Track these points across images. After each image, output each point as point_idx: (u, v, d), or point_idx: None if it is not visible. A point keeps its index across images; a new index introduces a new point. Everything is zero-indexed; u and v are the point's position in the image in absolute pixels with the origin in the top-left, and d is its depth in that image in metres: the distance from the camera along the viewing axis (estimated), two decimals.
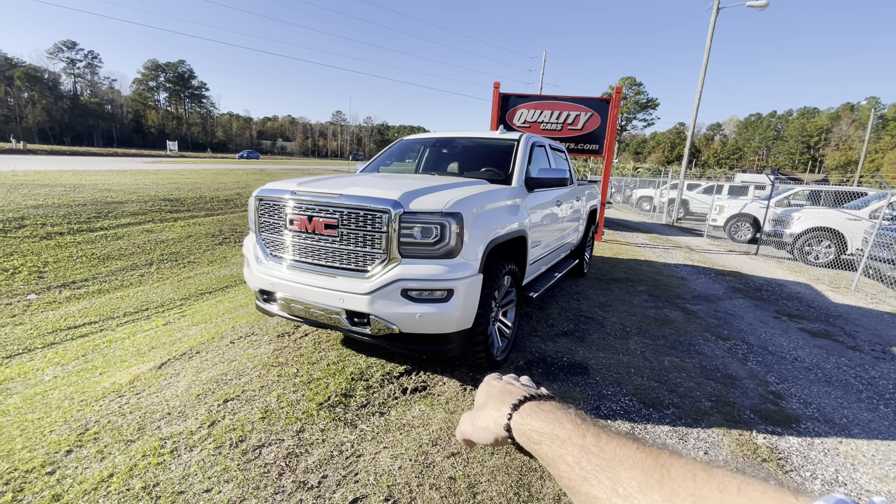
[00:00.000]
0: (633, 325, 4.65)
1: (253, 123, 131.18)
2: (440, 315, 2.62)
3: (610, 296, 5.74)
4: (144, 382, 3.05)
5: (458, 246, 2.67)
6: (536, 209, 3.95)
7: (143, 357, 3.64)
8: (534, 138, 4.40)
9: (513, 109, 10.27)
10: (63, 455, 2.24)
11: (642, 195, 21.65)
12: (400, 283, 2.60)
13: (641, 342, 4.17)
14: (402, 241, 2.63)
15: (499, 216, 3.13)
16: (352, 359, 3.38)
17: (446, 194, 2.82)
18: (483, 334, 2.95)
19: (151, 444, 2.31)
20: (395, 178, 3.58)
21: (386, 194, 2.69)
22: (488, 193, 3.12)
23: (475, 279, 2.75)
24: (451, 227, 2.62)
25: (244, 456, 2.24)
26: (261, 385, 2.96)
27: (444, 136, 4.81)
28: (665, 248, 10.21)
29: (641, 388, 3.25)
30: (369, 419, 2.64)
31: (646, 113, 66.16)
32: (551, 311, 4.92)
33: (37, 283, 5.41)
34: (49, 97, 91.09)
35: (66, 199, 8.14)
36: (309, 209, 2.87)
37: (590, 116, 9.93)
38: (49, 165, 17.30)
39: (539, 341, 4.01)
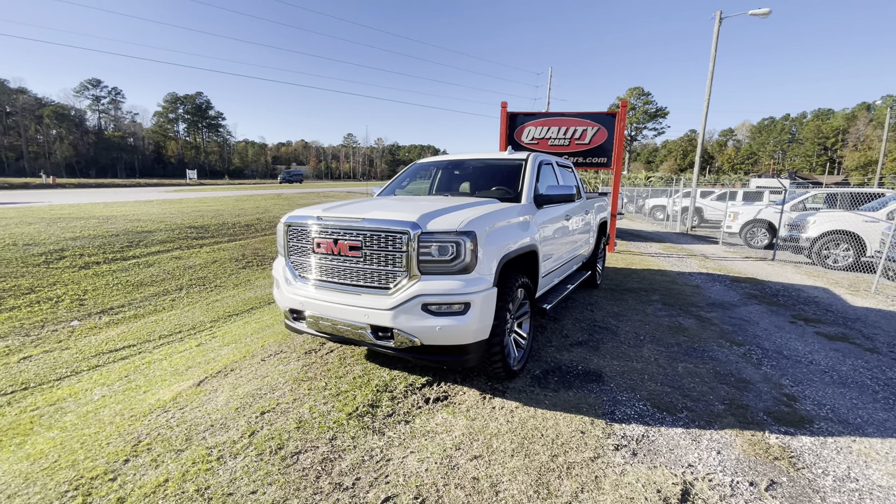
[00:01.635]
0: (646, 333, 4.76)
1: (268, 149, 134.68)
2: (458, 327, 2.81)
3: (623, 306, 5.85)
4: (186, 398, 3.29)
5: (472, 262, 2.87)
6: (546, 224, 4.14)
7: (182, 376, 3.89)
8: (541, 157, 4.62)
9: (521, 127, 10.55)
10: (122, 464, 2.47)
11: (655, 204, 21.61)
12: (420, 298, 2.81)
13: (655, 350, 4.27)
14: (421, 259, 2.85)
15: (510, 233, 3.33)
16: (376, 372, 3.58)
17: (460, 214, 3.04)
18: (500, 345, 3.13)
19: (199, 452, 2.53)
20: (411, 201, 3.82)
21: (404, 216, 2.92)
22: (499, 212, 3.33)
23: (490, 292, 2.94)
24: (465, 244, 2.83)
25: (283, 461, 2.44)
26: (293, 398, 3.17)
27: (455, 159, 5.06)
28: (679, 257, 10.24)
29: (655, 393, 3.37)
30: (395, 427, 2.82)
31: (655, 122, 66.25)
32: (565, 322, 5.06)
33: (78, 310, 5.77)
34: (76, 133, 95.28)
35: (101, 231, 8.62)
36: (334, 233, 3.11)
37: (597, 130, 10.14)
38: (79, 198, 18.15)
39: (554, 351, 4.15)
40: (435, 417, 2.95)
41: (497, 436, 2.72)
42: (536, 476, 2.37)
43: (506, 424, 2.85)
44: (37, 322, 5.29)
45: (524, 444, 2.65)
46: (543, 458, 2.51)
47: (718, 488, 2.35)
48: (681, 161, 77.57)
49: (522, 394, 3.27)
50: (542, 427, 2.83)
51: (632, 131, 66.85)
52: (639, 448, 2.67)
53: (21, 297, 5.72)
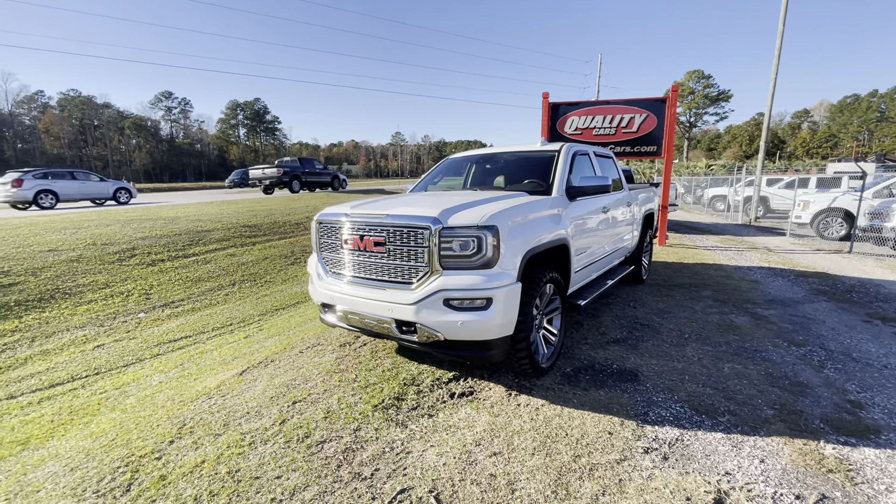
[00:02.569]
0: (692, 331, 4.48)
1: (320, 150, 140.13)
2: (480, 322, 2.78)
3: (669, 302, 5.53)
4: (229, 387, 3.52)
5: (494, 257, 2.83)
6: (580, 217, 4.00)
7: (228, 365, 4.15)
8: (575, 147, 4.46)
9: (563, 118, 10.24)
10: (167, 444, 2.68)
11: (715, 194, 20.20)
12: (442, 293, 2.81)
13: (700, 349, 4.01)
14: (443, 254, 2.85)
15: (536, 226, 3.25)
16: (405, 366, 3.63)
17: (482, 209, 3.00)
18: (525, 341, 3.07)
19: (234, 437, 2.69)
20: (437, 196, 3.82)
21: (426, 212, 2.93)
22: (525, 205, 3.26)
23: (513, 288, 2.88)
24: (487, 239, 2.80)
25: (309, 449, 2.54)
26: (324, 389, 3.30)
27: (486, 153, 5.00)
28: (738, 250, 9.53)
29: (695, 395, 3.16)
30: (418, 420, 2.85)
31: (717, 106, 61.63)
32: (604, 318, 4.87)
33: (145, 303, 6.32)
34: (151, 141, 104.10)
35: (166, 231, 9.37)
36: (360, 229, 3.19)
37: (645, 118, 9.63)
38: (151, 201, 19.80)
39: (589, 349, 4.01)
40: (458, 412, 2.95)
41: (519, 433, 2.68)
42: (556, 476, 2.30)
43: (529, 422, 2.79)
44: (110, 314, 5.85)
45: (546, 442, 2.58)
46: (565, 458, 2.44)
47: (758, 500, 2.17)
48: (746, 147, 71.85)
49: (550, 391, 3.19)
50: (568, 426, 2.75)
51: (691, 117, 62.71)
52: (671, 452, 2.52)
53: (98, 291, 6.35)
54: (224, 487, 2.24)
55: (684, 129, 63.63)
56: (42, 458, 2.72)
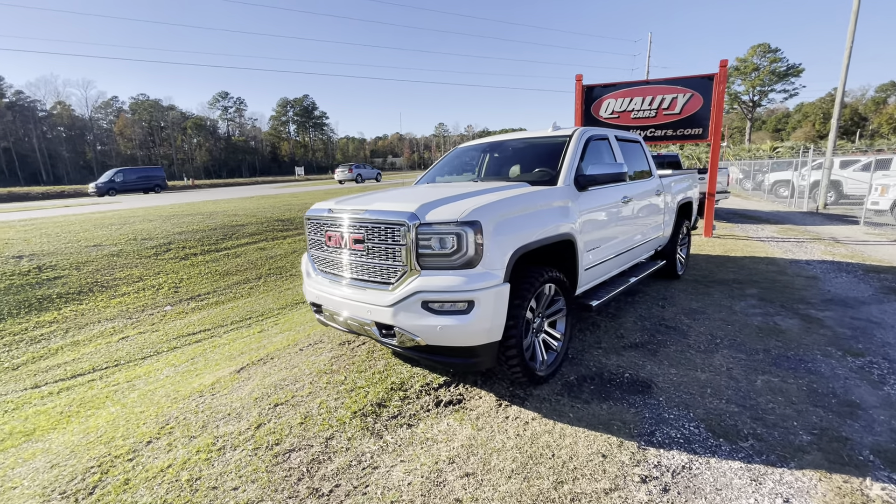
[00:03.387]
0: (725, 335, 3.97)
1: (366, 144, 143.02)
2: (461, 327, 2.54)
3: (705, 301, 4.99)
4: (222, 385, 3.50)
5: (477, 255, 2.57)
6: (592, 209, 3.62)
7: (232, 361, 4.17)
8: (590, 132, 4.05)
9: (598, 101, 9.59)
10: (144, 445, 2.67)
11: (778, 179, 18.43)
12: (420, 294, 2.59)
13: (731, 357, 3.53)
14: (420, 252, 2.62)
15: (531, 221, 2.94)
16: (397, 368, 3.46)
17: (466, 203, 2.74)
18: (516, 347, 2.79)
19: (207, 441, 2.64)
20: (431, 189, 3.59)
21: (403, 207, 2.71)
22: (518, 198, 2.95)
23: (499, 289, 2.61)
24: (467, 236, 2.54)
25: (275, 459, 2.43)
26: (309, 391, 3.19)
27: (494, 141, 4.68)
28: (798, 242, 8.55)
29: (715, 412, 2.75)
30: (396, 431, 2.66)
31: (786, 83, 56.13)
32: (625, 318, 4.45)
33: (173, 296, 6.57)
34: (210, 140, 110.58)
35: (203, 225, 9.77)
36: (341, 226, 3.02)
37: (689, 97, 8.81)
38: (202, 197, 20.89)
39: (601, 354, 3.65)
40: (440, 423, 2.73)
41: (500, 451, 2.42)
42: None
43: (514, 439, 2.53)
44: (139, 306, 6.12)
45: (528, 464, 2.31)
46: (545, 485, 2.16)
47: None
48: (820, 126, 65.20)
49: (545, 403, 2.90)
50: (556, 445, 2.46)
51: (754, 96, 57.62)
52: (673, 483, 2.17)
53: (131, 285, 6.68)
54: (179, 497, 2.17)
55: (747, 108, 58.65)
56: (34, 452, 2.80)
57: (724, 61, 8.44)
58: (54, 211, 13.89)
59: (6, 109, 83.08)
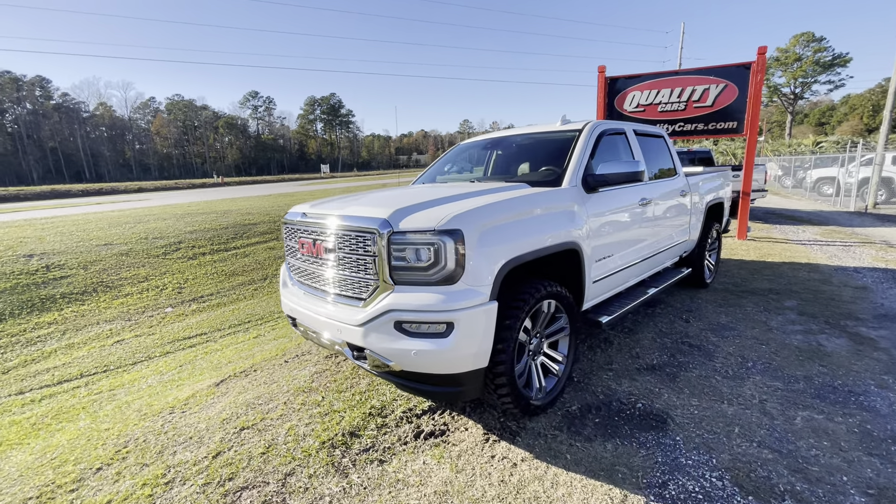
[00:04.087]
0: (759, 358, 3.47)
1: (391, 141, 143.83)
2: (438, 353, 2.19)
3: (736, 314, 4.45)
4: (196, 400, 3.26)
5: (458, 269, 2.21)
6: (603, 213, 3.20)
7: (217, 372, 3.94)
8: (604, 125, 3.61)
9: (622, 93, 9.01)
10: (93, 472, 2.44)
11: (821, 176, 17.17)
12: (392, 314, 2.25)
13: (765, 386, 3.04)
14: (394, 265, 2.28)
15: (527, 228, 2.55)
16: (381, 389, 3.14)
17: (447, 208, 2.37)
18: (507, 374, 2.41)
19: (158, 471, 2.38)
20: (418, 190, 3.23)
21: (376, 212, 2.38)
22: (510, 202, 2.57)
23: (484, 309, 2.24)
24: (446, 247, 2.18)
25: (223, 499, 2.14)
26: (281, 413, 2.90)
27: (496, 137, 4.29)
28: (844, 246, 7.77)
29: (744, 459, 2.31)
30: (365, 468, 2.34)
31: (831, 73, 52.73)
32: (642, 334, 3.99)
33: (175, 297, 6.47)
34: (241, 139, 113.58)
35: (215, 224, 9.73)
36: (314, 232, 2.72)
37: (723, 88, 8.13)
38: (228, 194, 21.22)
39: (611, 377, 3.22)
40: (417, 460, 2.39)
41: (478, 502, 2.06)
42: None
43: (497, 486, 2.16)
44: (140, 308, 6.03)
45: None
46: None
47: None
48: (868, 119, 61.07)
49: (540, 439, 2.51)
50: (546, 498, 2.07)
51: (796, 87, 54.39)
52: None
53: (136, 285, 6.62)
54: None
55: (787, 101, 55.43)
56: None
57: (762, 48, 7.73)
58: (81, 209, 14.28)
59: (53, 111, 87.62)
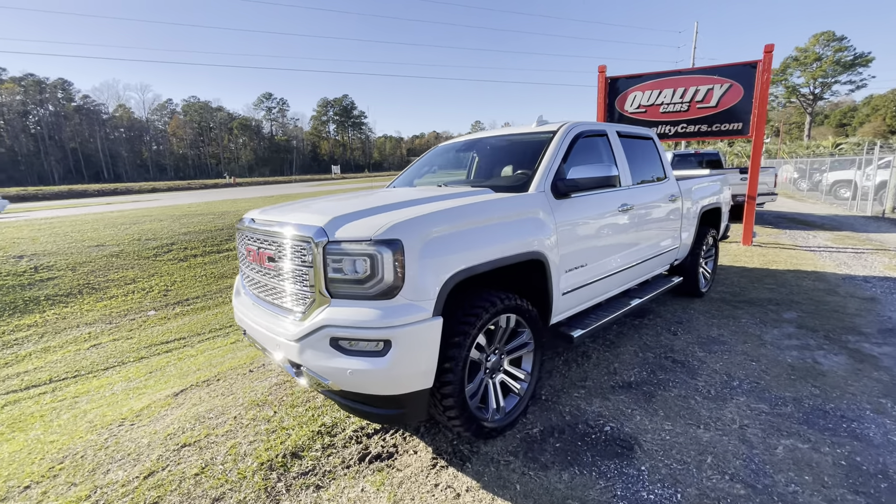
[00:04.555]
0: (746, 376, 3.23)
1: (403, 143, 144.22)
2: (374, 373, 2.02)
3: (729, 327, 4.19)
4: (150, 412, 3.15)
5: (397, 282, 2.04)
6: (575, 221, 2.99)
7: (182, 380, 3.83)
8: (581, 127, 3.40)
9: (623, 94, 8.74)
10: (19, 491, 2.33)
11: (838, 179, 16.58)
12: (327, 329, 2.09)
13: (749, 409, 2.81)
14: (330, 277, 2.12)
15: (482, 236, 2.37)
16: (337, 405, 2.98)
17: (388, 216, 2.20)
18: (455, 395, 2.23)
19: (83, 492, 2.25)
20: (368, 197, 3.06)
21: (314, 220, 2.22)
22: (463, 209, 2.38)
23: (426, 325, 2.07)
24: (383, 258, 2.01)
25: None
26: (228, 429, 2.76)
27: (470, 139, 4.10)
28: (856, 253, 7.40)
29: (713, 495, 2.08)
30: (298, 494, 2.18)
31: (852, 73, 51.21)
32: (624, 347, 3.76)
33: (161, 300, 6.41)
34: (255, 140, 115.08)
35: (211, 225, 9.71)
36: (258, 240, 2.57)
37: (727, 88, 7.81)
38: (232, 195, 21.36)
39: (583, 396, 3.01)
40: (355, 486, 2.22)
41: None
42: None
43: None
44: (123, 310, 5.98)
45: None
46: None
47: None
48: (892, 120, 59.15)
49: (491, 466, 2.32)
50: None
51: (815, 88, 52.94)
52: None
53: (122, 287, 6.58)
54: None
55: (806, 102, 54.04)
56: None
57: (769, 46, 7.40)
58: (87, 209, 14.46)
59: (74, 112, 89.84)
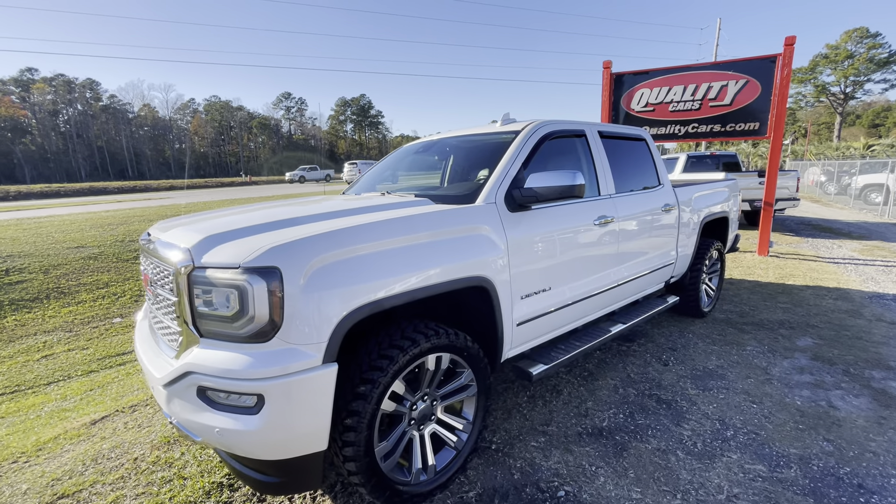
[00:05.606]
0: (744, 424, 2.70)
1: None
2: (245, 434, 1.60)
3: (730, 356, 3.65)
4: (53, 445, 2.80)
5: (272, 322, 1.61)
6: (534, 237, 2.52)
7: (114, 402, 3.49)
8: (550, 127, 2.92)
9: (629, 91, 8.15)
10: None
11: (869, 183, 15.52)
12: (193, 377, 1.68)
13: (743, 470, 2.29)
14: (198, 311, 1.71)
15: (398, 260, 1.92)
16: None
17: (272, 236, 1.78)
18: (359, 459, 1.80)
19: None
20: (284, 208, 2.63)
21: (185, 240, 1.81)
22: (370, 227, 1.93)
23: (312, 376, 1.64)
24: (253, 291, 1.58)
25: None
26: (120, 476, 2.38)
27: (431, 140, 3.65)
28: (885, 267, 6.68)
29: None
30: None
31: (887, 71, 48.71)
32: (603, 381, 3.26)
33: (131, 306, 6.14)
34: (274, 139, 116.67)
35: None
36: (146, 258, 2.18)
37: (743, 85, 7.16)
38: (242, 194, 21.30)
39: (542, 446, 2.54)
40: None
41: None
42: None
43: None
44: (88, 317, 5.71)
45: None
46: None
47: None
48: None
49: None
50: None
51: (846, 87, 50.50)
52: None
53: (94, 292, 6.33)
54: None
55: (837, 101, 51.70)
56: None
57: (790, 38, 6.74)
58: (85, 207, 14.48)
59: (101, 112, 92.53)
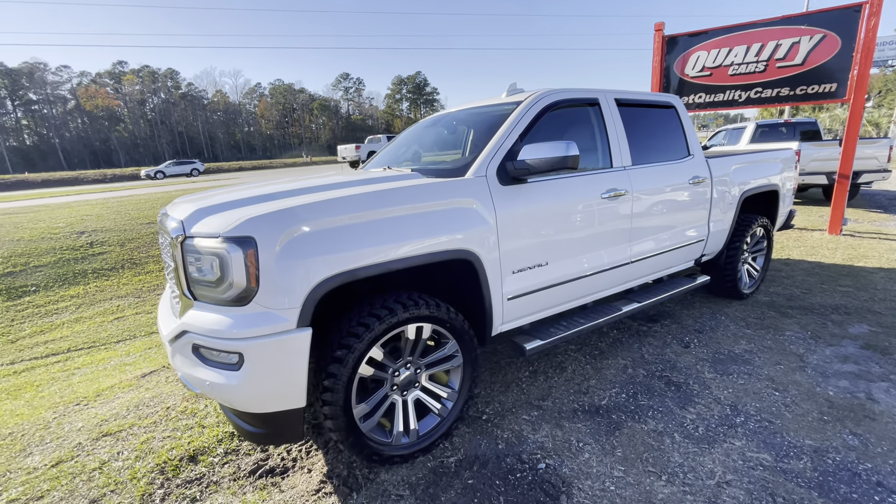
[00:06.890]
0: (759, 410, 2.52)
1: None
2: (229, 388, 1.78)
3: (763, 341, 3.38)
4: (108, 393, 3.23)
5: (249, 287, 1.75)
6: (530, 211, 2.48)
7: (164, 360, 3.92)
8: (554, 96, 2.79)
9: (684, 55, 7.49)
10: None
11: None
12: (188, 335, 1.88)
13: (743, 457, 2.16)
14: (191, 277, 1.89)
15: (376, 232, 1.98)
16: None
17: (254, 208, 1.90)
18: (337, 417, 1.93)
19: None
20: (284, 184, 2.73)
21: (181, 212, 1.99)
22: (349, 199, 1.99)
23: (287, 338, 1.77)
24: (231, 258, 1.73)
25: None
26: (154, 420, 2.72)
27: (440, 114, 3.61)
28: None
29: None
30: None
31: None
32: (612, 360, 3.17)
33: None
34: (333, 119, 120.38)
35: None
36: (161, 232, 2.42)
37: (819, 40, 6.33)
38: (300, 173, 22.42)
39: (533, 419, 2.54)
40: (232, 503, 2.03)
41: None
42: None
43: None
44: (153, 285, 6.39)
45: None
46: None
47: None
48: None
49: (379, 500, 2.00)
50: None
51: None
52: None
53: (159, 263, 7.05)
54: None
55: None
56: None
57: None
58: (159, 188, 15.95)
59: (180, 99, 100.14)
